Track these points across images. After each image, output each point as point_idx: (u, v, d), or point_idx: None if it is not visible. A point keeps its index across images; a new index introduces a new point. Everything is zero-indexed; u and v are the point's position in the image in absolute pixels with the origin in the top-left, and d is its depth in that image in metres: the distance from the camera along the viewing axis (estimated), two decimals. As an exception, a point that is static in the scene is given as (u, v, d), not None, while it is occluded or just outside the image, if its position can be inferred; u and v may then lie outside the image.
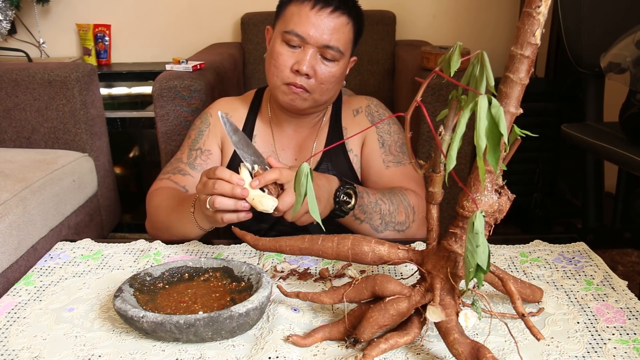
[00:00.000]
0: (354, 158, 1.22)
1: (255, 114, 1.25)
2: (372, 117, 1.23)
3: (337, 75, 1.12)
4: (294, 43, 1.09)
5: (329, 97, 1.15)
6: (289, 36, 1.08)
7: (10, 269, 1.41)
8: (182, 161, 1.20)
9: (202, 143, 1.21)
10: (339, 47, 1.09)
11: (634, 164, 1.50)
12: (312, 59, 1.08)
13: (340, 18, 1.09)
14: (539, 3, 0.56)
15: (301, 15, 1.08)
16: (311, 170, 0.71)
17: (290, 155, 1.24)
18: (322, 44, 1.08)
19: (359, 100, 1.26)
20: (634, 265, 2.19)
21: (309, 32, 1.07)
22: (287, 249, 0.78)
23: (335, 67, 1.11)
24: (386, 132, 1.21)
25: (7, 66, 1.90)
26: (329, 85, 1.12)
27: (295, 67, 1.09)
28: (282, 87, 1.12)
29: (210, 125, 1.23)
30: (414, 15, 2.67)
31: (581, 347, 0.72)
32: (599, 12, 1.84)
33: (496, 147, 0.55)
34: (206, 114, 1.25)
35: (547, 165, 2.42)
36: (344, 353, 0.71)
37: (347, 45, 1.12)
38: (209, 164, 1.20)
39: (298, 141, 1.24)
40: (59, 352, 0.73)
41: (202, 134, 1.22)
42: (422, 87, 0.62)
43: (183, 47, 2.70)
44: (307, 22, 1.07)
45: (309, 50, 1.08)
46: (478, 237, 0.58)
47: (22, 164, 1.66)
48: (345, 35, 1.10)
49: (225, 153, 1.23)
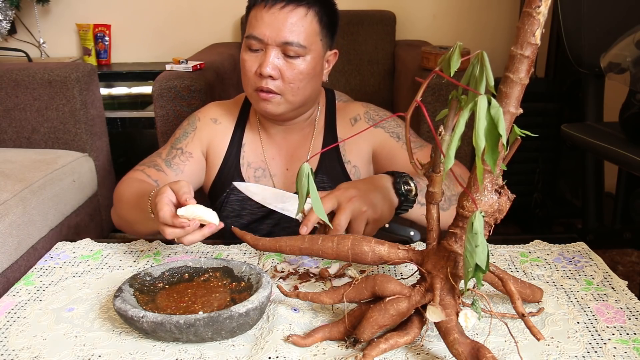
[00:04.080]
0: (352, 169, 1.18)
1: (244, 122, 1.22)
2: (374, 122, 1.19)
3: (307, 71, 1.07)
4: (255, 47, 1.07)
5: (304, 97, 1.11)
6: (249, 41, 1.07)
7: (10, 269, 1.41)
8: (160, 156, 1.17)
9: (185, 144, 1.18)
10: (299, 41, 1.05)
11: (634, 164, 1.50)
12: (274, 59, 1.05)
13: (296, 10, 1.04)
14: (539, 3, 0.56)
15: (257, 17, 1.06)
16: (312, 170, 0.71)
17: (280, 165, 1.21)
18: (280, 41, 1.04)
19: (355, 107, 1.21)
20: (634, 265, 2.19)
21: (265, 32, 1.04)
22: (287, 249, 0.78)
23: (302, 64, 1.06)
24: (395, 126, 1.17)
25: (7, 66, 1.90)
26: (299, 83, 1.08)
27: (258, 70, 1.06)
28: (253, 94, 1.10)
29: (196, 129, 1.20)
30: (414, 15, 2.67)
31: (581, 347, 0.72)
32: (599, 12, 1.84)
33: (495, 148, 0.55)
34: (194, 117, 1.22)
35: (547, 165, 2.42)
36: (344, 353, 0.71)
37: (312, 37, 1.07)
38: (188, 166, 1.17)
39: (288, 150, 1.21)
40: (59, 352, 0.73)
41: (187, 135, 1.19)
42: (422, 87, 0.62)
43: (183, 47, 2.70)
44: (262, 22, 1.05)
45: (270, 50, 1.05)
46: (477, 237, 0.58)
47: (22, 164, 1.66)
48: (306, 27, 1.06)
49: (213, 163, 1.20)
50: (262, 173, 1.20)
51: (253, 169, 1.20)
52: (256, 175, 1.20)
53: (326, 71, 1.15)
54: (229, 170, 1.19)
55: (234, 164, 1.19)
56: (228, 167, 1.19)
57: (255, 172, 1.20)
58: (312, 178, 0.69)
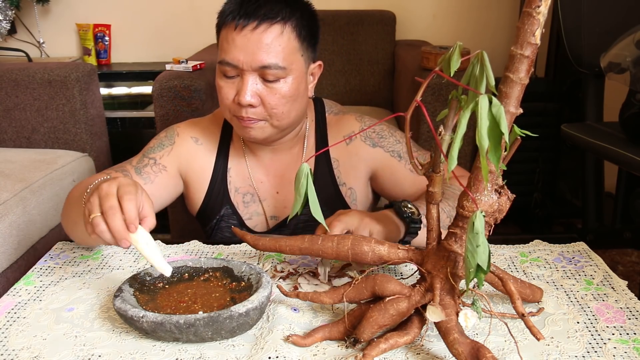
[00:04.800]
0: (348, 192, 1.10)
1: (227, 143, 1.12)
2: (370, 139, 1.08)
3: (289, 94, 0.98)
4: (230, 73, 0.97)
5: (290, 120, 1.02)
6: (223, 67, 0.97)
7: (10, 269, 1.41)
8: (130, 163, 1.07)
9: (159, 156, 1.08)
10: (277, 63, 0.95)
11: (634, 164, 1.50)
12: (253, 86, 0.96)
13: (271, 29, 0.94)
14: (539, 3, 0.56)
15: (228, 41, 0.95)
16: (311, 171, 0.71)
17: (270, 188, 1.12)
18: (256, 66, 0.94)
19: (348, 122, 1.10)
20: (634, 265, 2.19)
21: (238, 58, 0.95)
22: (287, 249, 0.78)
23: (284, 86, 0.97)
24: (394, 144, 1.09)
25: (7, 66, 1.90)
26: (282, 107, 0.98)
27: (236, 99, 0.97)
28: (234, 120, 1.01)
29: (174, 144, 1.10)
30: (414, 15, 2.67)
31: (581, 347, 0.72)
32: (599, 12, 1.84)
33: (497, 147, 0.55)
34: (173, 131, 1.12)
35: (547, 165, 2.42)
36: (344, 353, 0.71)
37: (291, 56, 0.97)
38: (160, 178, 1.06)
39: (277, 171, 1.11)
40: (59, 352, 0.73)
41: (163, 147, 1.09)
42: (422, 87, 0.62)
43: (183, 47, 2.70)
44: (234, 46, 0.95)
45: (247, 77, 0.95)
46: (478, 237, 0.58)
47: (22, 164, 1.66)
48: (284, 46, 0.95)
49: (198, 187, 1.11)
50: (251, 198, 1.12)
51: (241, 194, 1.12)
52: (245, 200, 1.12)
53: (311, 85, 1.05)
54: (217, 196, 1.12)
55: (222, 190, 1.11)
56: (215, 192, 1.12)
57: (243, 197, 1.12)
58: (310, 178, 0.69)
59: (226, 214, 1.12)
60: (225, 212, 1.12)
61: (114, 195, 0.75)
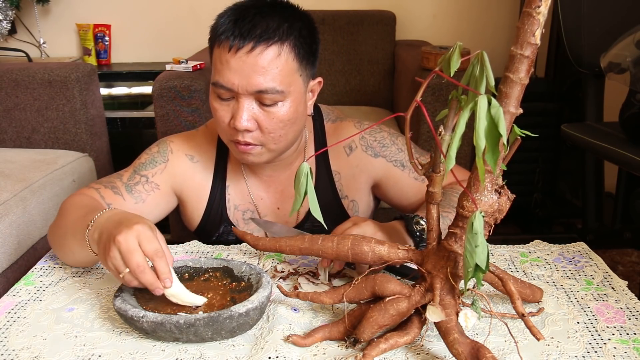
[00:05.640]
0: (350, 204, 1.08)
1: (224, 160, 1.08)
2: (372, 149, 1.06)
3: (287, 117, 0.94)
4: (225, 96, 0.93)
5: (288, 142, 0.98)
6: (217, 90, 0.93)
7: (10, 269, 1.41)
8: (121, 179, 1.03)
9: (151, 173, 1.04)
10: (275, 87, 0.90)
11: (634, 164, 1.50)
12: (249, 110, 0.92)
13: (267, 52, 0.89)
14: (539, 3, 0.56)
15: (222, 62, 0.91)
16: (311, 170, 0.71)
17: (270, 204, 1.09)
18: (252, 90, 0.90)
19: (347, 129, 1.07)
20: (634, 265, 2.19)
21: (233, 82, 0.90)
22: (287, 249, 0.78)
23: (282, 109, 0.93)
24: (396, 152, 1.06)
25: (7, 66, 1.90)
26: (280, 131, 0.94)
27: (232, 123, 0.93)
28: (230, 144, 0.98)
29: (168, 161, 1.05)
30: (414, 15, 2.67)
31: (581, 347, 0.72)
32: (599, 12, 1.84)
33: (495, 148, 0.55)
34: (166, 147, 1.07)
35: (547, 165, 2.42)
36: (344, 353, 0.71)
37: (289, 78, 0.92)
38: (152, 197, 1.03)
39: (277, 188, 1.09)
40: (59, 352, 0.73)
41: (155, 164, 1.05)
42: (422, 87, 0.62)
43: (183, 47, 2.70)
44: (228, 70, 0.90)
45: (242, 101, 0.91)
46: (477, 237, 0.58)
47: (22, 164, 1.66)
48: (282, 68, 0.90)
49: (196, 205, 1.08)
50: (252, 215, 1.10)
51: (241, 212, 1.09)
52: (245, 217, 1.09)
53: (310, 103, 1.01)
54: (216, 214, 1.09)
55: (220, 208, 1.08)
56: (214, 210, 1.09)
57: (243, 214, 1.09)
58: (310, 178, 0.69)
59: (225, 232, 1.10)
60: (224, 230, 1.10)
61: (139, 251, 0.75)
